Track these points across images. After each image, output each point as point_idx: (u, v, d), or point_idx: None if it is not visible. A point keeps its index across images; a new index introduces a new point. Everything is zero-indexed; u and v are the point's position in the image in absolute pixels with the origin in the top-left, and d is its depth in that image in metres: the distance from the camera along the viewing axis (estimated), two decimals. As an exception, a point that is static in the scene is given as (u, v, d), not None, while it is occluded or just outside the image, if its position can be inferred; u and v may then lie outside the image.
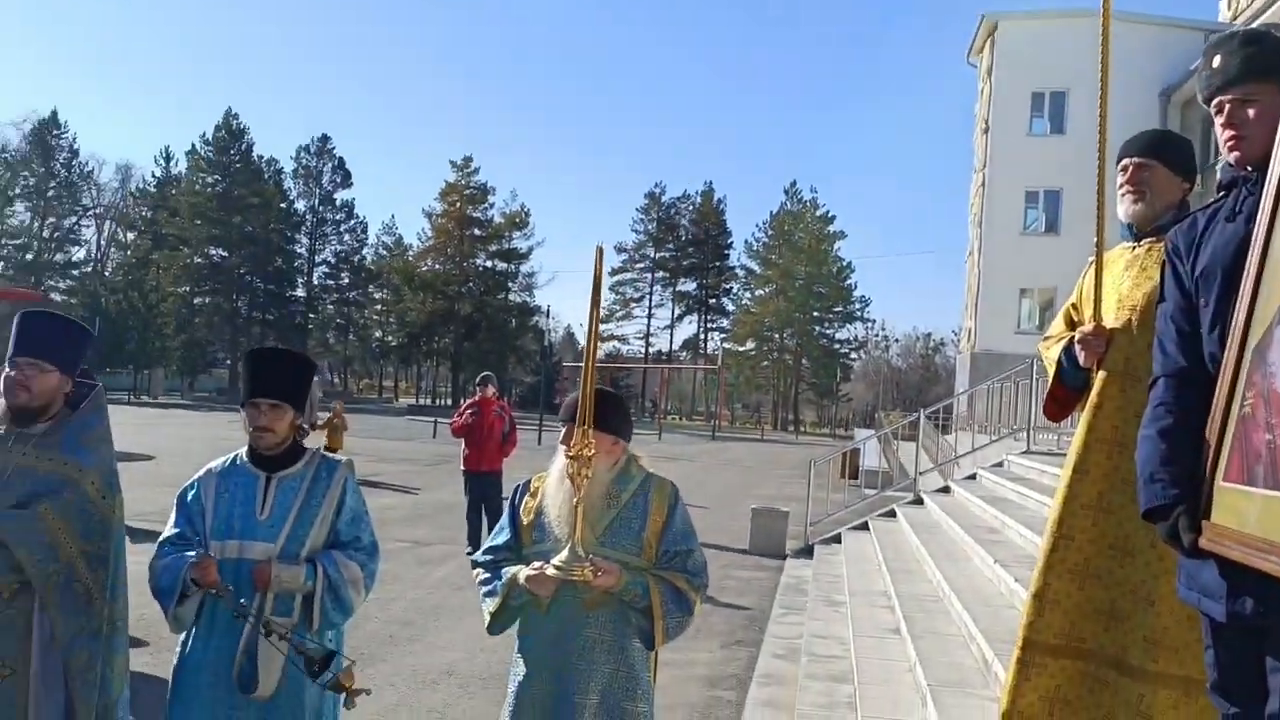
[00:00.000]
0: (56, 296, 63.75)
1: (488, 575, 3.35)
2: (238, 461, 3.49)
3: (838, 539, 13.02)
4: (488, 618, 3.33)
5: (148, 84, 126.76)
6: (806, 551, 12.63)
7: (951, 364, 63.62)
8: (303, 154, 74.29)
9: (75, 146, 72.34)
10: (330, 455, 3.64)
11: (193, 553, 3.28)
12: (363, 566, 3.43)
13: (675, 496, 3.37)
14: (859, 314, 78.18)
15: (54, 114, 71.26)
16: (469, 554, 10.42)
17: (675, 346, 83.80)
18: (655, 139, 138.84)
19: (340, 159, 74.77)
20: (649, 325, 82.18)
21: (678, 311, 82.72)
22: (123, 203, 77.53)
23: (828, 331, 78.30)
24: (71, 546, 3.28)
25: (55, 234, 71.96)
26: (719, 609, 9.14)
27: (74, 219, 73.86)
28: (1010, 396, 17.28)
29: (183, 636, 3.38)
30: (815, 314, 76.93)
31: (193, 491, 3.45)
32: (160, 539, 3.44)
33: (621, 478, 3.33)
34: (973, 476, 13.83)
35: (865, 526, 13.12)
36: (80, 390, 3.58)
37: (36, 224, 70.85)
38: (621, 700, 3.21)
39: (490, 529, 5.26)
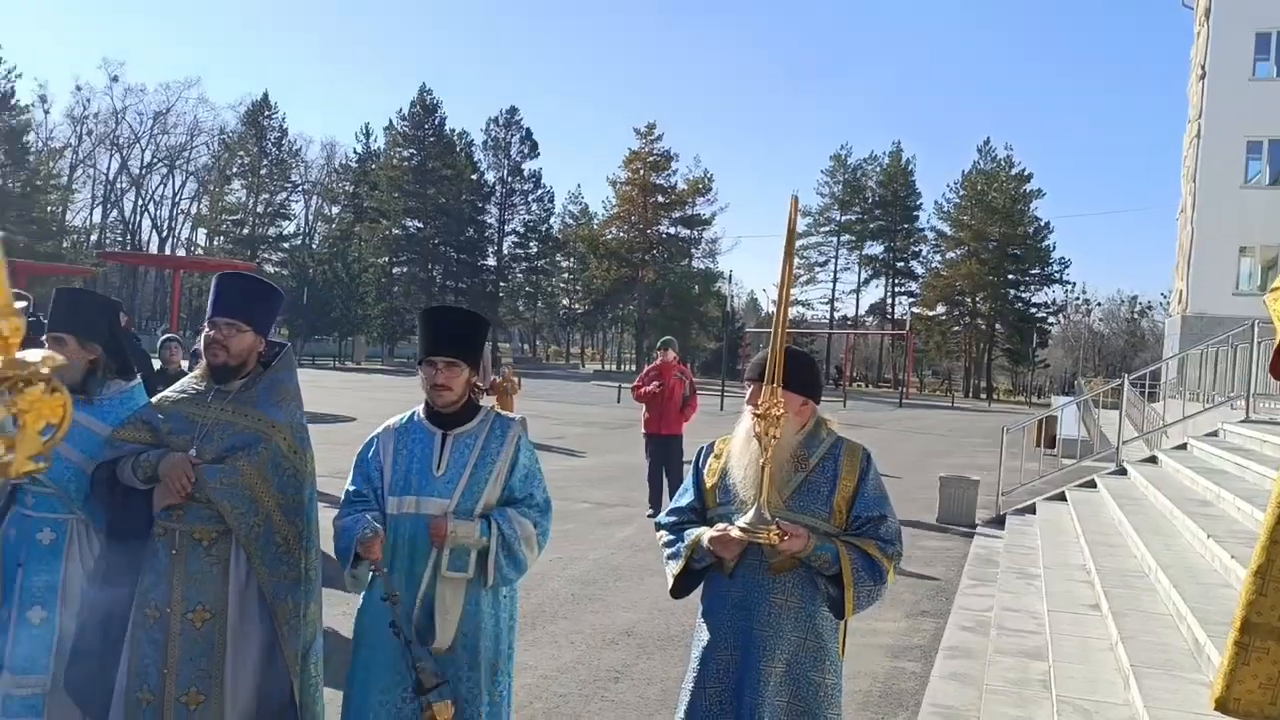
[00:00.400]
0: (269, 268, 67.93)
1: (671, 537, 3.28)
2: (415, 418, 3.53)
3: (1031, 509, 12.41)
4: (670, 580, 3.26)
5: (349, 65, 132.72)
6: (998, 522, 12.09)
7: (1159, 328, 59.86)
8: (492, 126, 76.28)
9: (284, 126, 76.56)
10: (504, 414, 3.64)
11: (371, 515, 3.34)
12: (536, 524, 3.42)
13: (867, 460, 3.21)
14: (1057, 276, 74.38)
15: (265, 96, 75.59)
16: (650, 516, 10.47)
17: (861, 311, 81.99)
18: (841, 100, 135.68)
19: (527, 130, 76.38)
20: (834, 290, 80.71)
21: (864, 276, 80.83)
22: (327, 178, 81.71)
23: (1023, 295, 74.85)
24: (269, 500, 3.41)
25: (268, 209, 76.56)
26: (904, 578, 8.84)
27: (284, 195, 78.31)
28: (1227, 361, 16.00)
29: (364, 591, 3.45)
30: (1010, 277, 73.67)
31: (372, 448, 3.52)
32: (344, 495, 3.51)
33: (810, 440, 3.20)
34: (1183, 446, 12.92)
35: (1062, 497, 12.48)
36: (270, 349, 3.70)
37: (252, 200, 75.53)
38: (809, 670, 3.09)
39: (671, 493, 5.21)
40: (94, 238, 71.45)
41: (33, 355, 0.69)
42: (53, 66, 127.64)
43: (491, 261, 77.08)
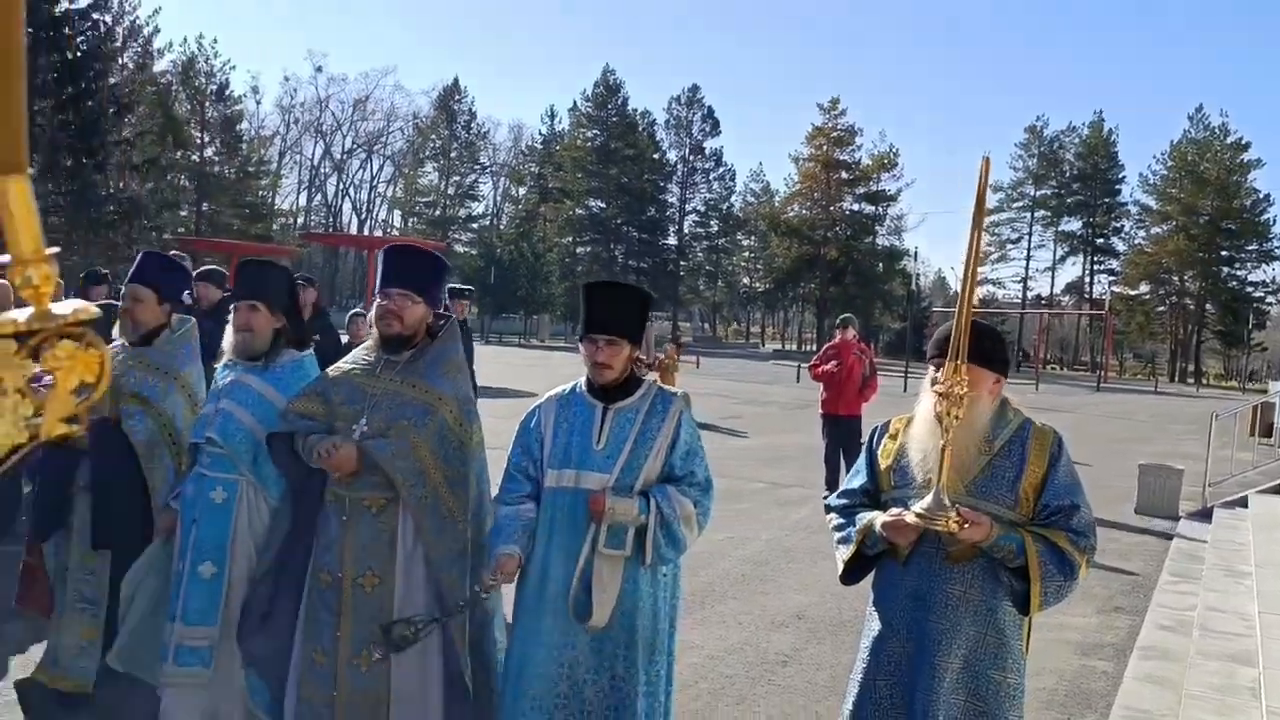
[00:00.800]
0: (459, 248, 70.29)
1: (841, 520, 3.13)
2: (576, 390, 3.48)
3: (1243, 502, 11.49)
4: (841, 565, 3.11)
5: (535, 49, 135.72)
6: (1204, 515, 11.23)
7: (1399, 309, 54.48)
8: (674, 105, 76.38)
9: (473, 110, 78.92)
10: (666, 388, 3.53)
11: (524, 519, 3.34)
12: (696, 503, 3.31)
13: (1059, 445, 2.96)
14: (1278, 253, 68.82)
15: (455, 81, 78.10)
16: (826, 499, 10.22)
17: (1056, 290, 78.20)
18: (1036, 69, 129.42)
19: (709, 108, 76.09)
20: (1027, 268, 77.23)
21: (1060, 253, 76.98)
22: (514, 160, 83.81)
23: (1238, 273, 69.68)
24: (436, 473, 3.44)
25: (458, 191, 79.13)
26: (1097, 571, 8.29)
27: (473, 177, 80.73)
28: None
29: (528, 565, 3.42)
30: (1223, 253, 68.69)
31: (534, 418, 3.49)
32: (505, 468, 3.49)
33: (997, 421, 2.97)
34: None
35: (1278, 490, 11.47)
36: (436, 322, 3.72)
37: (443, 182, 78.29)
38: (988, 668, 2.88)
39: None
40: (299, 220, 75.66)
41: (63, 307, 0.61)
42: (264, 59, 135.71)
43: (672, 240, 77.38)
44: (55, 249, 0.63)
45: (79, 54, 23.81)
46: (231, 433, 3.80)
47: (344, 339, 8.55)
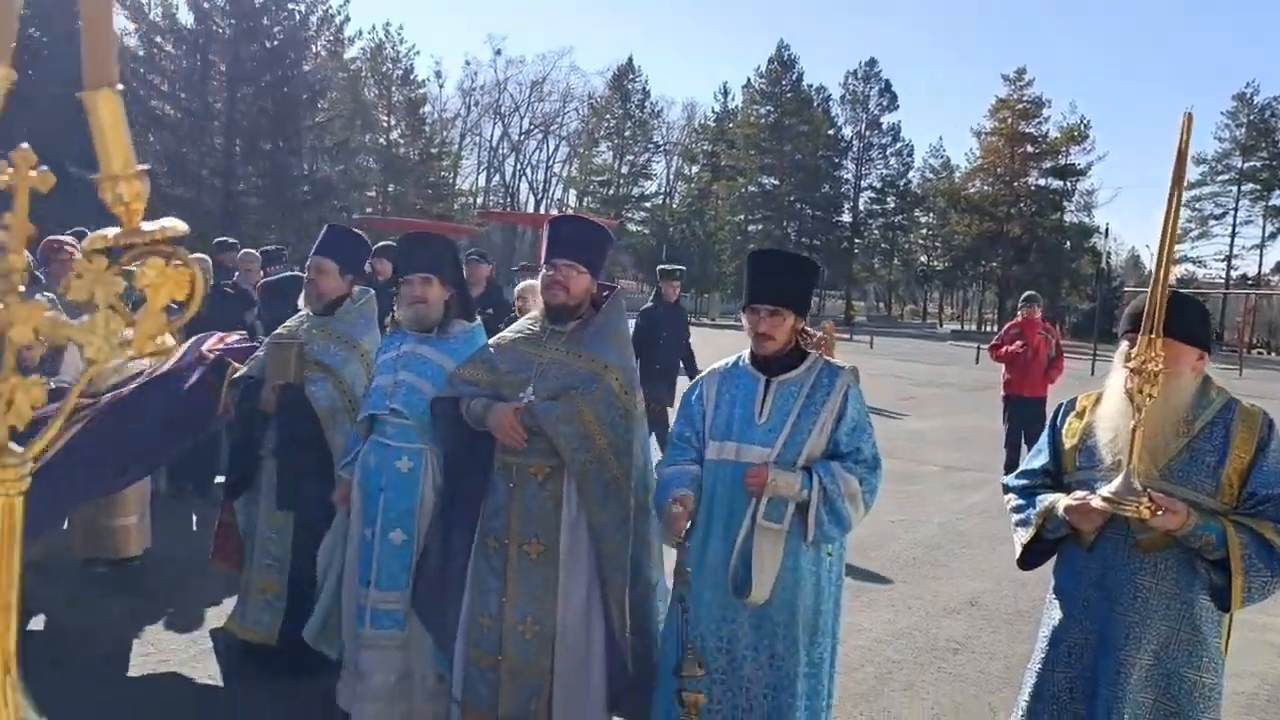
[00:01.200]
0: (632, 227, 70.96)
1: (1020, 502, 2.97)
2: (740, 363, 3.42)
3: None
4: (1019, 549, 2.96)
5: (709, 26, 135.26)
6: None
7: None
8: (850, 79, 74.75)
9: (647, 89, 79.24)
10: (833, 362, 3.41)
11: (691, 472, 3.30)
12: (862, 481, 3.19)
13: (1269, 428, 2.72)
14: None
15: (630, 60, 78.54)
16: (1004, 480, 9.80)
17: (1264, 269, 72.77)
18: (1243, 32, 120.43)
19: (886, 81, 74.06)
20: (1231, 245, 71.96)
21: (1270, 229, 71.58)
22: (687, 138, 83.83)
23: None
24: (601, 439, 3.44)
25: (632, 170, 79.78)
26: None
27: (646, 155, 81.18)
28: None
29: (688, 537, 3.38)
30: None
31: (696, 391, 3.45)
32: (668, 442, 3.48)
33: (1198, 401, 2.76)
34: None
35: None
36: (600, 292, 3.71)
37: (617, 162, 79.08)
38: (1181, 666, 2.69)
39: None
40: (478, 200, 77.89)
41: (153, 225, 0.59)
42: (447, 44, 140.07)
43: (847, 218, 75.83)
44: (145, 165, 0.62)
45: (276, 43, 25.20)
46: (415, 404, 3.91)
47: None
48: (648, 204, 79.52)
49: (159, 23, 25.25)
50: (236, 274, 8.60)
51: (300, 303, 4.75)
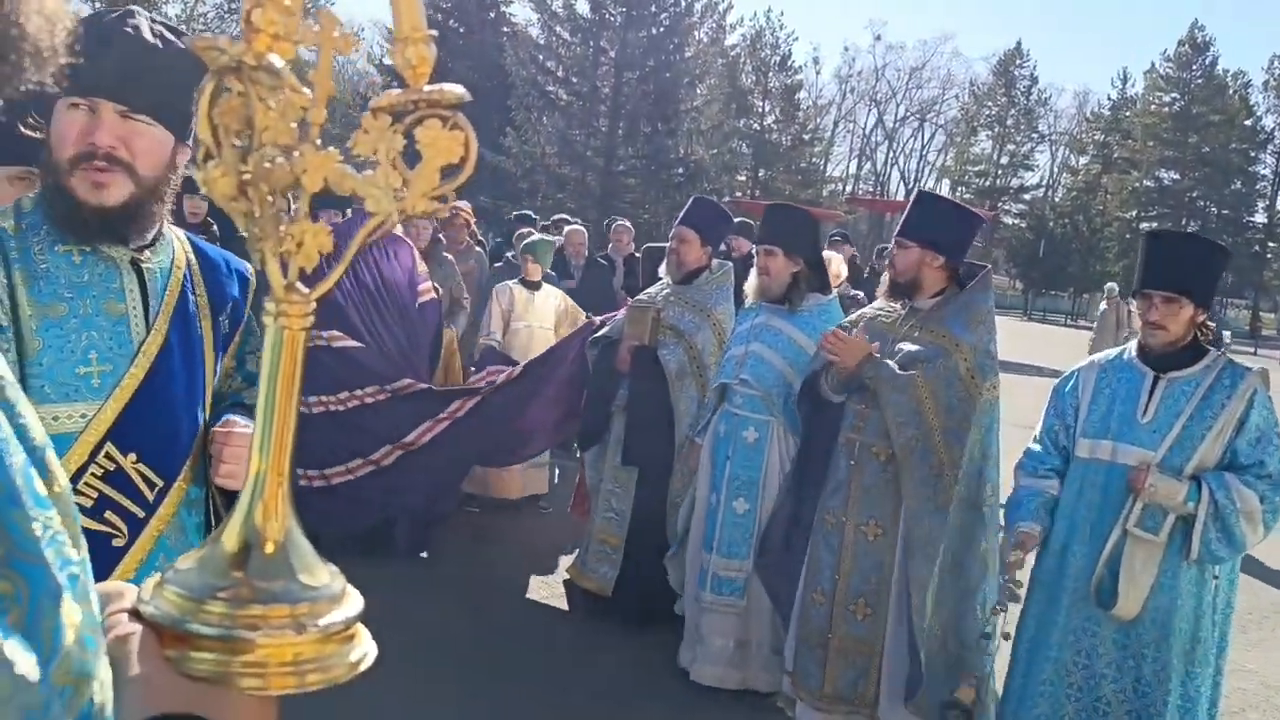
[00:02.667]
0: (1008, 220, 67.49)
1: None
2: (1125, 355, 3.09)
3: None
4: None
5: (1109, 7, 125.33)
6: None
7: None
8: (1275, 63, 66.57)
9: (1035, 75, 74.88)
10: (1239, 363, 2.99)
11: (1046, 495, 3.06)
12: (1263, 498, 2.79)
13: None
14: None
15: (1018, 45, 74.56)
16: None
17: None
18: None
19: (1322, 65, 65.23)
20: None
21: None
22: (1076, 128, 78.44)
23: None
24: (934, 418, 3.25)
25: (1012, 161, 75.89)
26: None
27: (1029, 145, 76.88)
28: None
29: (1048, 538, 3.12)
30: None
31: (1070, 382, 3.17)
32: (1034, 437, 3.22)
33: None
34: None
35: None
36: (970, 270, 3.52)
37: (996, 151, 75.51)
38: None
39: None
40: (847, 187, 77.36)
41: (432, 88, 0.63)
42: (826, 30, 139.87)
43: (1260, 218, 67.71)
44: (434, 32, 0.64)
45: (661, 29, 26.29)
46: (763, 374, 3.94)
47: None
48: (1026, 196, 75.29)
49: (559, 12, 27.14)
50: (610, 245, 9.02)
51: (661, 270, 4.90)
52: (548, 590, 5.11)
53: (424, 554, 5.29)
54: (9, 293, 1.57)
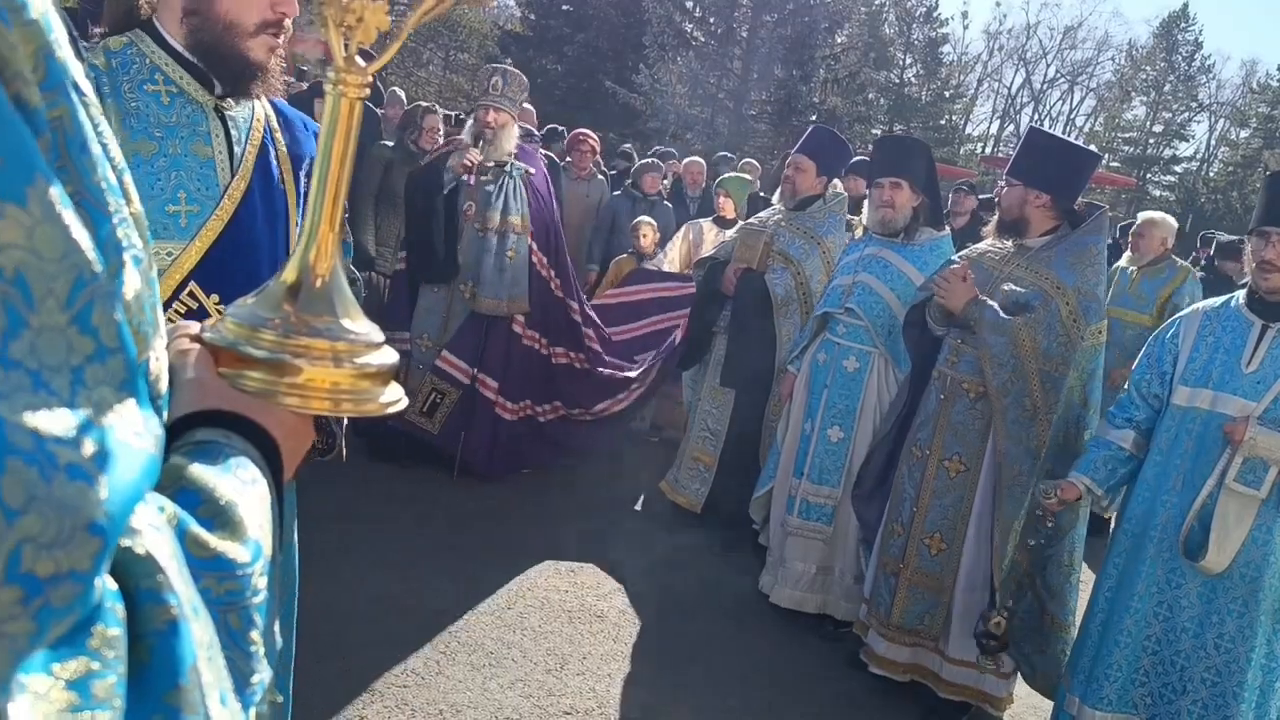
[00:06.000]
0: (1155, 191, 64.45)
1: None
2: (1232, 303, 2.98)
3: None
4: None
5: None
6: None
7: None
8: None
9: (1200, 41, 70.76)
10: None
11: (1126, 439, 3.01)
12: (1372, 457, 2.66)
13: None
14: None
15: (1184, 8, 70.49)
16: None
17: None
18: None
19: None
20: None
21: None
22: (1240, 99, 74.14)
23: None
24: (1031, 362, 3.22)
25: (1166, 129, 72.27)
26: None
27: (1186, 115, 73.07)
28: None
29: (1131, 484, 3.06)
30: None
31: (1172, 329, 3.08)
32: (1125, 385, 3.15)
33: None
34: None
35: None
36: (1090, 212, 3.46)
37: (1149, 120, 71.96)
38: None
39: None
40: (986, 148, 74.91)
41: None
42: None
43: None
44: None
45: (805, -28, 25.75)
46: (870, 305, 3.93)
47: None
48: (1178, 168, 71.72)
49: (700, -52, 26.82)
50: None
51: (775, 198, 4.90)
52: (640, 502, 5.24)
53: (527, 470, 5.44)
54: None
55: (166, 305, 1.70)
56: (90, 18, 2.00)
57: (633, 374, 5.31)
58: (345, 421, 1.90)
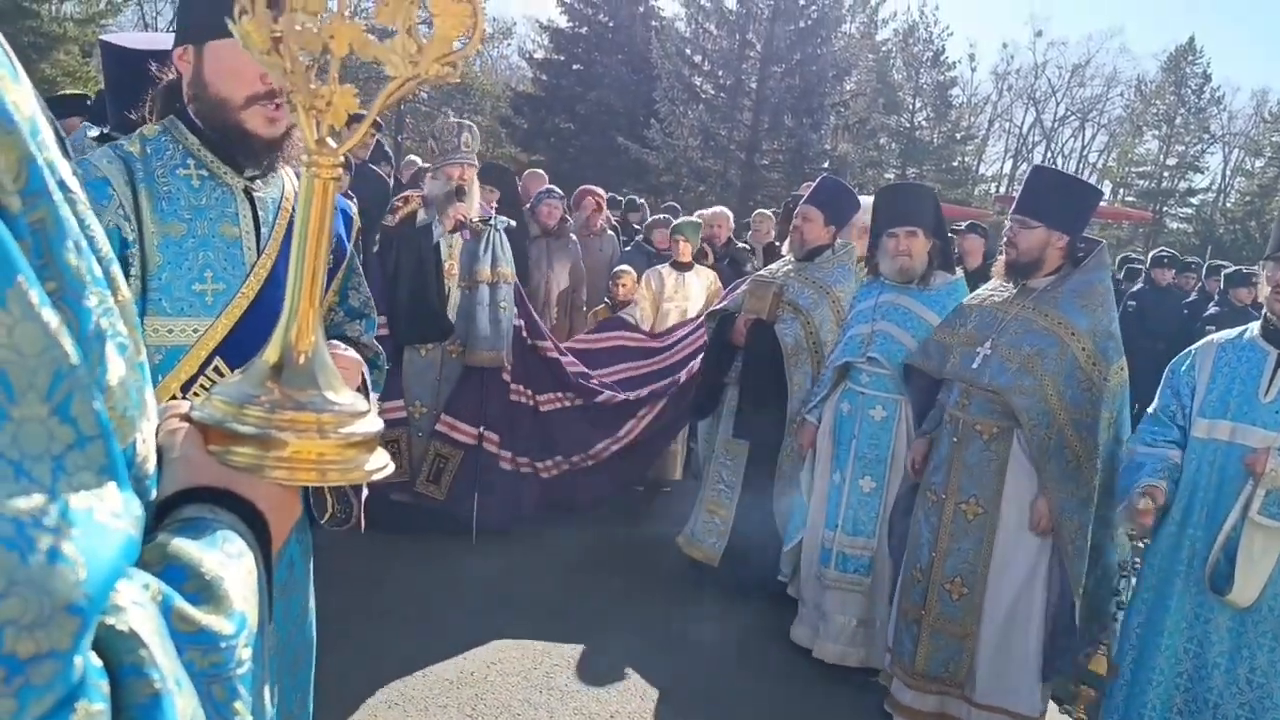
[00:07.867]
0: (1172, 224, 64.24)
1: None
2: (1247, 334, 2.97)
3: None
4: None
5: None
6: None
7: None
8: None
9: (1208, 73, 70.97)
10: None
11: (1169, 461, 2.94)
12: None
13: None
14: None
15: (1191, 41, 70.78)
16: None
17: None
18: None
19: None
20: None
21: None
22: (1253, 129, 74.11)
23: None
24: (1062, 414, 3.22)
25: (1179, 163, 72.21)
26: None
27: (1199, 147, 73.01)
28: None
29: (1163, 516, 3.03)
30: None
31: (1188, 361, 3.07)
32: (1147, 414, 3.13)
33: None
34: None
35: None
36: (1087, 246, 3.46)
37: (1162, 153, 71.95)
38: None
39: None
40: (1000, 187, 74.95)
41: None
42: (984, 25, 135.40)
43: None
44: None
45: (809, 22, 25.99)
46: (894, 353, 3.94)
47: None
48: (1194, 200, 71.57)
49: (705, 5, 27.15)
50: (750, 233, 9.02)
51: (784, 249, 4.93)
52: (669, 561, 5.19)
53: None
54: (135, 211, 1.73)
55: (192, 380, 1.76)
56: (120, 105, 2.07)
57: (625, 396, 5.33)
58: (365, 490, 1.91)
